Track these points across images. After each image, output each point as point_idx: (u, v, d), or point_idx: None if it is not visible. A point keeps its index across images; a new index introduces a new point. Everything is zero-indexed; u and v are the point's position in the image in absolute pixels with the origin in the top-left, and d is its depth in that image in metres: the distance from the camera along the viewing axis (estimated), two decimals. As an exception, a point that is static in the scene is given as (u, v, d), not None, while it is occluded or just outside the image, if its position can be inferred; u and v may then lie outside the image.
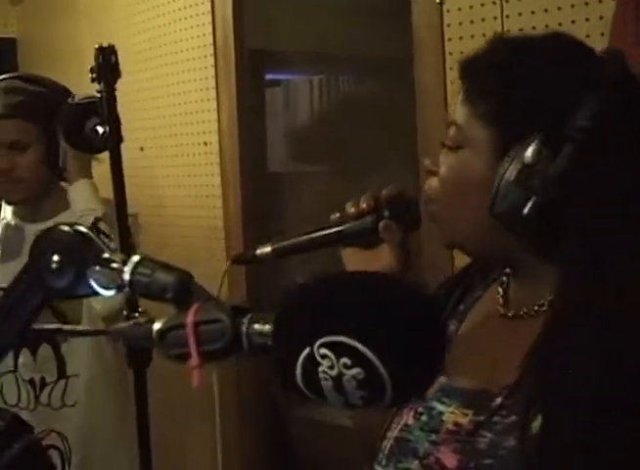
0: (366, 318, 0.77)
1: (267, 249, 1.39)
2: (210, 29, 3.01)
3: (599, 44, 1.70)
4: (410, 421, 1.23)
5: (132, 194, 3.42)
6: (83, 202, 2.37)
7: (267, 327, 0.83)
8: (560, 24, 1.90)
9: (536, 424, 1.04)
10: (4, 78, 2.49)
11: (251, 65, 3.05)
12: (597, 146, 1.08)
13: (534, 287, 1.17)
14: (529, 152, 1.09)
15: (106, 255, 0.94)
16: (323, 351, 0.78)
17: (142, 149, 3.42)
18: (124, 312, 1.91)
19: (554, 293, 1.10)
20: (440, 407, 1.20)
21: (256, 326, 0.85)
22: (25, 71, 4.06)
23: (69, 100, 2.21)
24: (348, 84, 2.99)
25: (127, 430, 2.28)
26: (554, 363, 1.04)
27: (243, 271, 2.95)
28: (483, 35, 2.10)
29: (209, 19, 3.01)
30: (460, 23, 2.17)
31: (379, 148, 2.52)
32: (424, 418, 1.21)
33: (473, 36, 2.14)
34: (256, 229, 2.98)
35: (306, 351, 0.78)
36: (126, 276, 0.91)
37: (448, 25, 2.20)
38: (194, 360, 0.87)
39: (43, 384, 2.51)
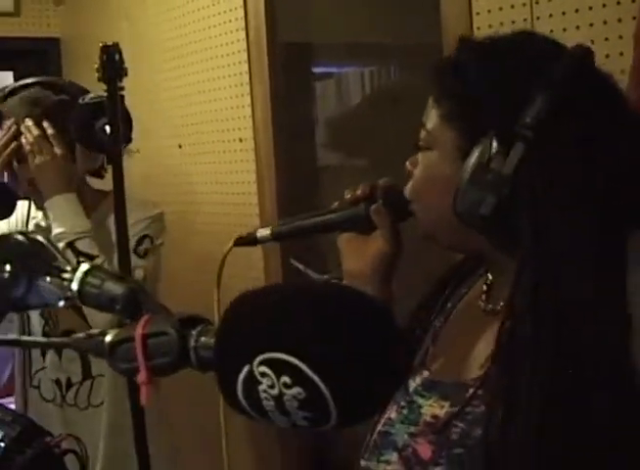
0: (306, 334, 0.72)
1: (267, 232, 1.43)
2: (243, 24, 2.96)
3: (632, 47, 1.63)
4: (393, 415, 1.25)
5: (169, 191, 3.44)
6: (56, 224, 2.34)
7: (214, 340, 0.78)
8: (591, 25, 1.81)
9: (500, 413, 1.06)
10: (27, 85, 2.47)
11: (292, 57, 3.00)
12: (546, 142, 1.08)
13: (509, 282, 1.15)
14: (484, 150, 1.11)
15: (57, 264, 0.89)
16: (262, 368, 0.73)
17: (180, 146, 3.40)
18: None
19: (510, 288, 1.11)
20: (420, 401, 1.23)
21: (203, 339, 0.80)
22: (68, 70, 4.11)
23: (80, 100, 2.18)
24: (397, 76, 2.93)
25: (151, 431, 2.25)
26: (512, 355, 1.07)
27: (277, 247, 2.89)
28: (513, 23, 2.02)
29: (242, 13, 2.96)
30: (489, 11, 2.09)
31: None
32: (405, 412, 1.24)
33: (502, 24, 2.06)
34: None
35: (246, 368, 0.73)
36: (74, 286, 0.87)
37: (477, 14, 2.12)
38: (142, 376, 0.82)
39: (69, 384, 2.51)
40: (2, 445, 1.59)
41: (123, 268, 1.76)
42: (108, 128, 1.92)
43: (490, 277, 1.27)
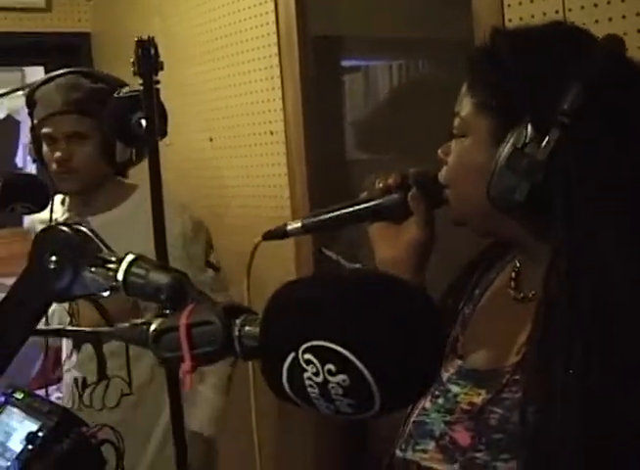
0: (350, 321, 0.73)
1: (297, 224, 1.42)
2: (274, 18, 2.97)
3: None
4: (427, 405, 1.27)
5: (200, 184, 3.46)
6: None
7: (258, 329, 0.80)
8: (624, 17, 1.80)
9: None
10: (68, 72, 2.51)
11: (321, 51, 3.00)
12: (581, 129, 1.10)
13: (542, 269, 1.16)
14: (519, 137, 1.13)
15: (102, 254, 0.91)
16: (307, 356, 0.73)
17: (211, 139, 3.41)
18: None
19: (544, 273, 1.13)
20: (455, 389, 1.24)
21: (248, 328, 0.81)
22: (99, 65, 4.14)
23: (115, 94, 2.20)
24: (426, 69, 2.92)
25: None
26: (547, 340, 1.09)
27: (309, 241, 2.89)
28: (544, 14, 2.01)
29: (272, 6, 2.97)
30: (520, 4, 2.09)
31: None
32: (440, 401, 1.25)
33: (533, 16, 2.06)
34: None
35: (291, 356, 0.74)
36: (120, 276, 0.88)
37: (509, 6, 2.12)
38: (186, 365, 0.83)
39: (85, 385, 2.54)
40: (40, 434, 1.61)
41: (160, 260, 1.77)
42: (143, 122, 1.93)
43: (518, 264, 1.29)
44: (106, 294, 0.91)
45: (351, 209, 1.41)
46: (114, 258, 0.90)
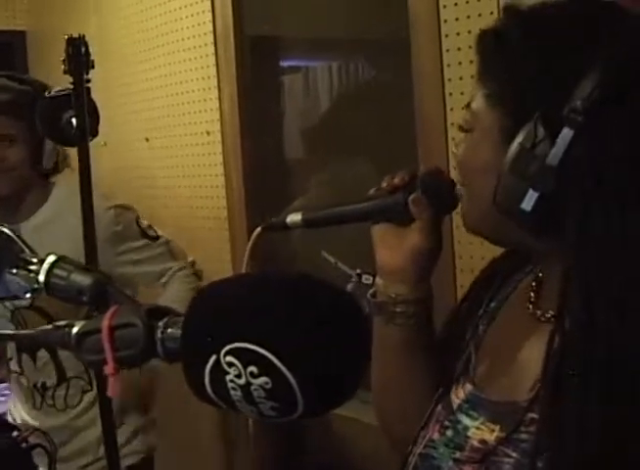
0: (272, 323, 0.72)
1: (298, 217, 1.28)
2: (210, 17, 2.96)
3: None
4: (435, 436, 1.12)
5: (136, 185, 3.43)
6: None
7: (180, 332, 0.79)
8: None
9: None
10: None
11: (259, 51, 2.99)
12: (598, 129, 0.94)
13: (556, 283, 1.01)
14: (528, 135, 0.97)
15: (24, 255, 0.89)
16: (229, 358, 0.73)
17: (147, 140, 3.38)
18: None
19: (558, 296, 0.98)
20: (466, 421, 1.09)
21: (170, 331, 0.80)
22: (35, 64, 4.08)
23: (46, 93, 2.17)
24: (361, 70, 2.92)
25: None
26: (561, 372, 0.94)
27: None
28: (479, 15, 2.03)
29: (209, 6, 2.96)
30: (455, 4, 2.10)
31: (387, 135, 2.47)
32: (449, 433, 1.10)
33: (469, 17, 2.07)
34: (260, 219, 2.91)
35: (213, 358, 0.74)
36: (41, 278, 0.87)
37: (444, 7, 2.13)
38: (109, 368, 0.82)
39: (45, 388, 2.53)
40: (-31, 439, 1.58)
41: (89, 261, 1.75)
42: (74, 121, 1.91)
43: (541, 275, 1.13)
44: (27, 296, 0.89)
45: (354, 206, 1.27)
46: (35, 260, 0.89)
